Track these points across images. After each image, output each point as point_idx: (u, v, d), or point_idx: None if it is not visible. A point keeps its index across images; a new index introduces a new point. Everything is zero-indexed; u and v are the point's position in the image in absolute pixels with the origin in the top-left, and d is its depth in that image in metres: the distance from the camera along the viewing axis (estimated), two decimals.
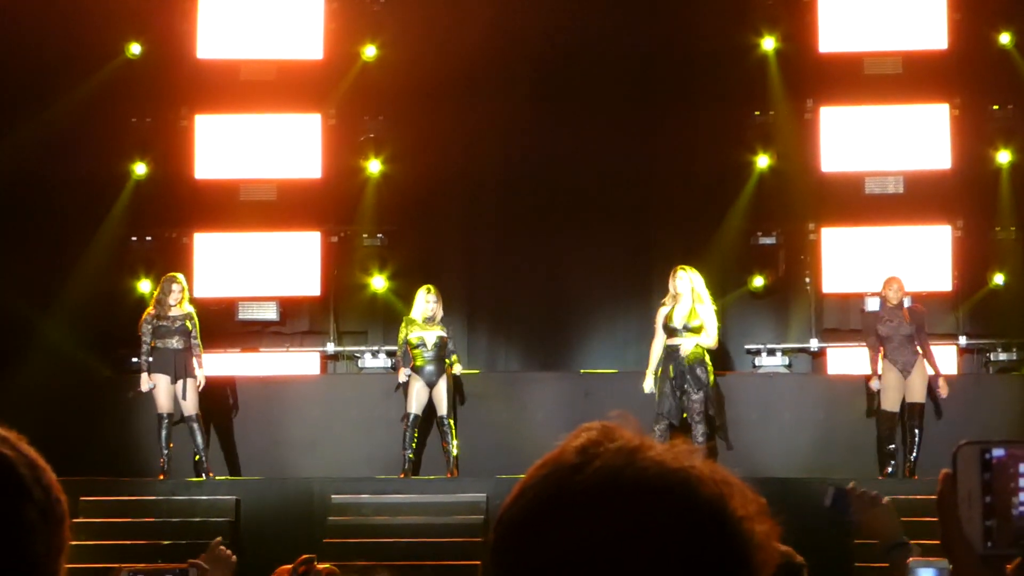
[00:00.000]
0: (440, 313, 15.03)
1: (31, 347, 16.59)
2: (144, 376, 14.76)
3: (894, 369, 14.54)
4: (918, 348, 14.57)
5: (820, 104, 17.38)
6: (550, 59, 17.36)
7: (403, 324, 15.11)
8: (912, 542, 4.71)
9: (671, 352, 14.34)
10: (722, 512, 1.58)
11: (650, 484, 1.58)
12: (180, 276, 15.06)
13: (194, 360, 14.76)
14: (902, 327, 14.54)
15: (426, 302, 14.96)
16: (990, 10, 17.23)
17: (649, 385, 14.34)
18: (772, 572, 1.61)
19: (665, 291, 14.58)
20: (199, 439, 14.77)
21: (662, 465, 1.60)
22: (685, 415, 14.26)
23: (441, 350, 14.89)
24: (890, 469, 14.53)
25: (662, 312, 14.46)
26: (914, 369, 14.52)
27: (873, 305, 15.41)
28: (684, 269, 14.46)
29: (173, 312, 14.78)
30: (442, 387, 14.84)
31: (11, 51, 16.90)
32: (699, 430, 14.12)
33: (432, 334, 14.88)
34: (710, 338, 14.36)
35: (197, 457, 14.78)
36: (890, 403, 14.61)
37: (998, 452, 1.90)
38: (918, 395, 14.53)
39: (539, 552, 1.58)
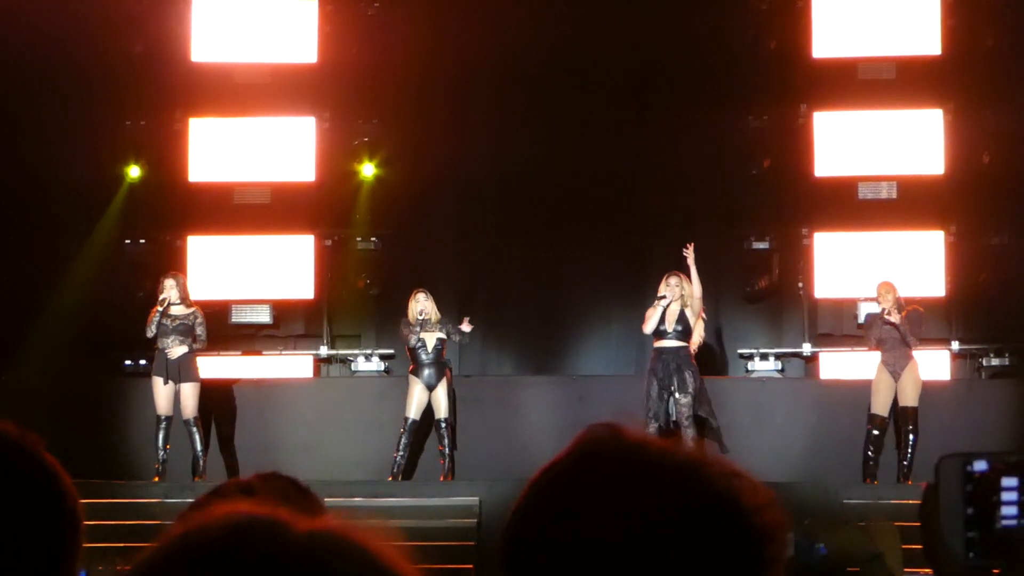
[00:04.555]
0: (435, 314, 14.97)
1: (25, 349, 16.57)
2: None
3: (886, 371, 14.58)
4: (912, 353, 14.58)
5: (814, 109, 17.37)
6: (545, 64, 17.35)
7: (402, 325, 15.04)
8: (905, 546, 4.69)
9: (658, 354, 14.38)
10: (733, 502, 1.58)
11: (660, 477, 1.58)
12: (176, 275, 14.96)
13: (195, 360, 14.71)
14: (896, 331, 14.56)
15: (415, 302, 14.92)
16: (984, 15, 17.23)
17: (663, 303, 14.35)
18: (783, 564, 1.61)
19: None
20: (197, 443, 14.74)
21: (671, 458, 1.60)
22: (673, 418, 14.27)
23: (440, 354, 14.89)
24: (872, 480, 14.52)
25: (656, 310, 14.44)
26: (905, 371, 14.54)
27: (870, 308, 15.35)
28: (675, 275, 14.52)
29: (173, 311, 14.72)
30: (441, 390, 14.83)
31: (5, 54, 16.87)
32: (688, 434, 14.12)
33: (431, 336, 14.86)
34: (694, 342, 14.45)
35: (193, 461, 14.77)
36: (880, 406, 14.62)
37: (980, 465, 1.90)
38: (910, 399, 14.54)
39: (553, 549, 1.57)
